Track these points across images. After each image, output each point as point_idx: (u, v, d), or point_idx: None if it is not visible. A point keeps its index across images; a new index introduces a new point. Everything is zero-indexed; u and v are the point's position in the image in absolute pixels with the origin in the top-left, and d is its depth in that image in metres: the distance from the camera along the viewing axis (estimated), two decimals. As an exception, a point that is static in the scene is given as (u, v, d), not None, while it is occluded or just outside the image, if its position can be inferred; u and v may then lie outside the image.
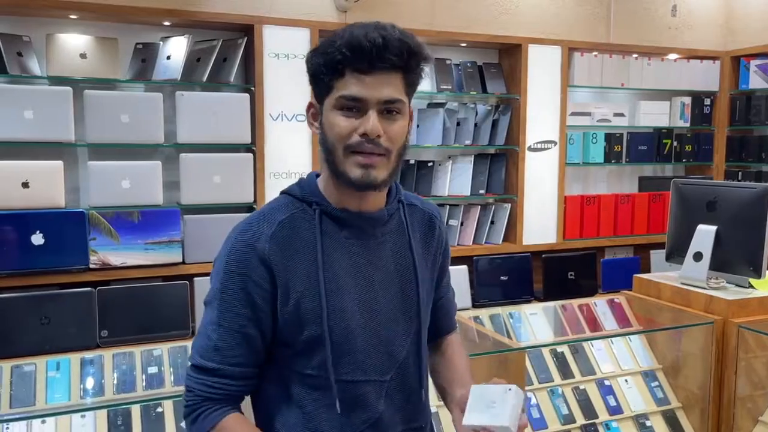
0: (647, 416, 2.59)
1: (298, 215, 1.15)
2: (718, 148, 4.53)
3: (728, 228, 2.51)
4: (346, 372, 1.14)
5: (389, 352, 1.17)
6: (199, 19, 3.21)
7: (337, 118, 1.09)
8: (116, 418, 2.20)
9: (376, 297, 1.17)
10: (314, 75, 1.12)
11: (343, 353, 1.13)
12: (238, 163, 3.27)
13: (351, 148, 1.09)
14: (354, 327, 1.14)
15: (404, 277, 1.21)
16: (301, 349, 1.13)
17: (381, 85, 1.07)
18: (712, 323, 2.43)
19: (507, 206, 3.95)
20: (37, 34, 3.04)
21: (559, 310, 3.09)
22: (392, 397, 1.18)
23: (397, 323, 1.19)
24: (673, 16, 4.31)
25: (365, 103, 1.07)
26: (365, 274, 1.16)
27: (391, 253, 1.20)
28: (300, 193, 1.18)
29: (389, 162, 1.11)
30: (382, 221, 1.19)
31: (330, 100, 1.10)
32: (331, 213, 1.16)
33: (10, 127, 2.85)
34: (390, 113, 1.09)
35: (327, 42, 1.09)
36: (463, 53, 3.96)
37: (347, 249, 1.16)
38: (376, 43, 1.05)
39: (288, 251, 1.12)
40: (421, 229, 1.27)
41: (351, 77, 1.07)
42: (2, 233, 2.84)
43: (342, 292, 1.13)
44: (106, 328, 2.73)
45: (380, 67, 1.06)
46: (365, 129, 1.07)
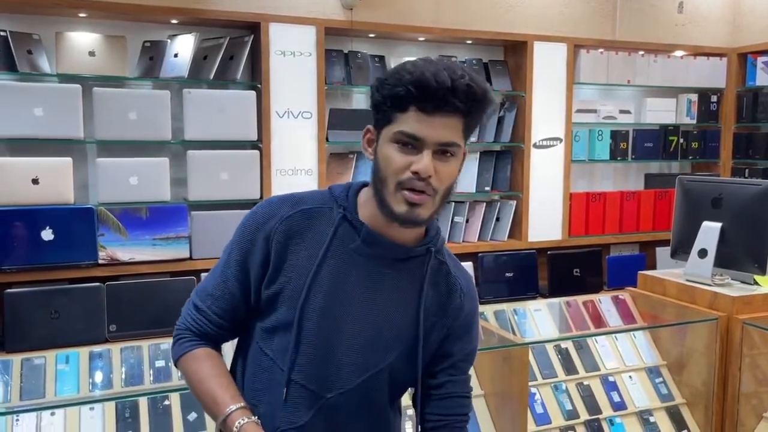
0: (651, 412, 2.60)
1: (324, 211, 1.18)
2: (725, 145, 4.52)
3: (733, 225, 2.51)
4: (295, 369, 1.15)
5: (336, 373, 1.15)
6: (206, 17, 3.23)
7: (392, 152, 1.09)
8: (124, 411, 2.23)
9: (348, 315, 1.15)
10: (377, 104, 1.12)
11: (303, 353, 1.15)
12: (244, 160, 3.29)
13: (402, 184, 1.09)
14: (315, 328, 1.15)
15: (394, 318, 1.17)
16: (271, 327, 1.18)
17: (441, 127, 1.08)
18: (717, 320, 2.44)
19: (512, 203, 3.95)
20: (47, 32, 3.07)
21: (563, 306, 3.09)
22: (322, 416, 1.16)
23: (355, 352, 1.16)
24: (680, 12, 4.31)
25: (423, 142, 1.08)
26: (353, 290, 1.16)
27: (391, 287, 1.18)
28: (338, 193, 1.21)
29: (434, 202, 1.12)
30: (399, 252, 1.18)
31: (388, 132, 1.10)
32: (352, 221, 1.17)
33: (20, 124, 2.89)
34: (444, 154, 1.10)
35: (395, 75, 1.09)
36: (468, 50, 3.97)
37: (349, 259, 1.16)
38: (445, 85, 1.05)
39: (294, 238, 1.16)
40: (439, 289, 1.22)
41: (413, 114, 1.07)
42: (13, 229, 2.87)
43: (322, 293, 1.14)
44: (114, 323, 2.76)
45: (444, 110, 1.07)
46: (418, 168, 1.08)
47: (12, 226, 2.87)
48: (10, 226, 2.87)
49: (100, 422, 2.19)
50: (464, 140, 1.13)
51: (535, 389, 2.50)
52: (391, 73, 1.11)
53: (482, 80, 1.10)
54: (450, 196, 1.16)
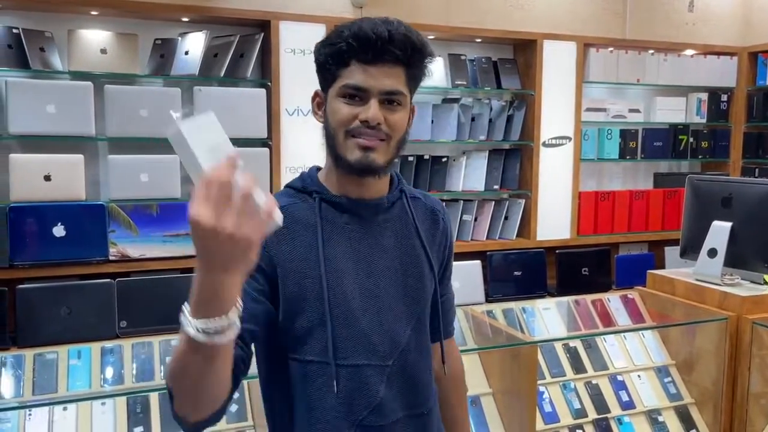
0: (660, 411, 2.59)
1: (298, 204, 1.19)
2: (735, 145, 4.50)
3: (743, 224, 2.50)
4: (347, 356, 1.15)
5: (391, 337, 1.18)
6: (217, 15, 3.25)
7: (339, 105, 1.13)
8: (135, 406, 2.25)
9: (377, 282, 1.18)
10: (321, 65, 1.16)
11: (345, 337, 1.14)
12: (254, 158, 3.31)
13: (351, 132, 1.13)
14: (355, 310, 1.15)
15: (407, 264, 1.22)
16: (302, 334, 1.14)
17: (383, 77, 1.12)
18: (726, 319, 2.43)
19: (521, 202, 3.95)
20: (59, 30, 3.10)
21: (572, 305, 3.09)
22: (393, 382, 1.18)
23: (399, 309, 1.20)
24: (690, 11, 4.29)
25: (367, 92, 1.12)
26: (366, 259, 1.18)
27: (393, 240, 1.22)
28: (301, 185, 1.22)
29: (389, 148, 1.15)
30: (382, 207, 1.22)
31: (334, 88, 1.14)
32: (331, 200, 1.19)
33: (33, 121, 2.91)
34: (391, 103, 1.13)
35: (335, 33, 1.14)
36: (477, 49, 3.97)
37: (347, 234, 1.18)
38: (382, 36, 1.10)
39: (286, 238, 1.14)
40: (425, 222, 1.29)
41: (355, 67, 1.12)
42: (25, 225, 2.90)
43: (342, 276, 1.15)
44: (125, 319, 2.78)
45: (384, 60, 1.11)
46: (366, 116, 1.11)
47: (24, 223, 2.89)
48: (23, 223, 2.89)
49: (112, 417, 2.21)
50: (409, 91, 1.16)
51: (543, 388, 2.50)
52: (330, 33, 1.16)
53: (418, 32, 1.15)
54: (403, 149, 1.20)
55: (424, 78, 1.20)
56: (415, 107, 1.23)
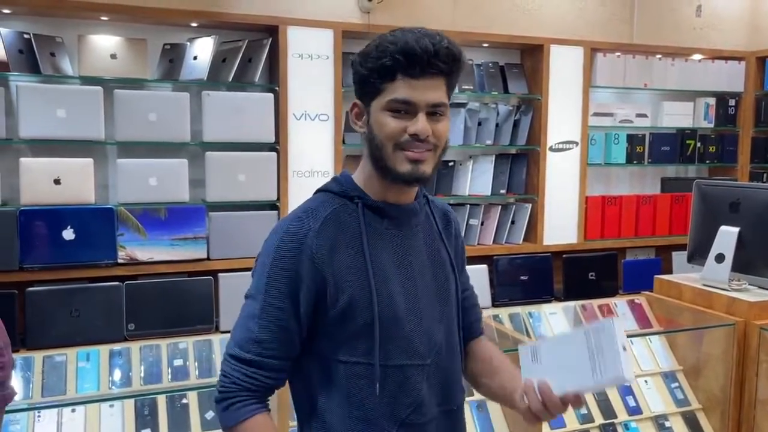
0: (667, 417, 2.59)
1: (340, 210, 1.21)
2: (743, 150, 4.49)
3: (751, 229, 2.49)
4: (393, 357, 1.19)
5: (429, 336, 1.23)
6: (225, 20, 3.27)
7: (387, 119, 1.16)
8: (143, 408, 2.27)
9: (415, 284, 1.23)
10: (364, 78, 1.18)
11: (390, 339, 1.18)
12: (262, 162, 3.33)
13: (400, 146, 1.16)
14: (400, 313, 1.19)
15: (436, 264, 1.28)
16: (347, 338, 1.17)
17: (429, 90, 1.15)
18: (734, 325, 2.43)
19: (528, 206, 3.95)
20: (70, 35, 3.13)
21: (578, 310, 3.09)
22: (431, 380, 1.23)
23: (433, 308, 1.25)
24: (698, 16, 4.28)
25: (415, 106, 1.15)
26: (406, 262, 1.23)
27: (423, 242, 1.27)
28: (339, 189, 1.24)
29: (435, 157, 1.20)
30: (415, 212, 1.27)
31: (379, 102, 1.17)
32: (372, 205, 1.22)
33: (43, 125, 2.94)
34: (436, 115, 1.17)
35: (378, 47, 1.16)
36: (484, 53, 3.98)
37: (389, 239, 1.22)
38: (428, 50, 1.13)
39: (335, 246, 1.17)
40: (442, 223, 1.35)
41: (402, 82, 1.14)
42: (35, 228, 2.92)
43: (388, 280, 1.19)
44: (133, 322, 2.80)
45: (429, 73, 1.14)
46: (416, 130, 1.15)
47: (34, 226, 2.92)
48: (33, 226, 2.92)
49: (120, 419, 2.23)
50: (448, 99, 1.21)
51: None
52: (373, 47, 1.17)
53: (457, 43, 1.18)
54: (445, 154, 1.24)
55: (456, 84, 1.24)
56: None
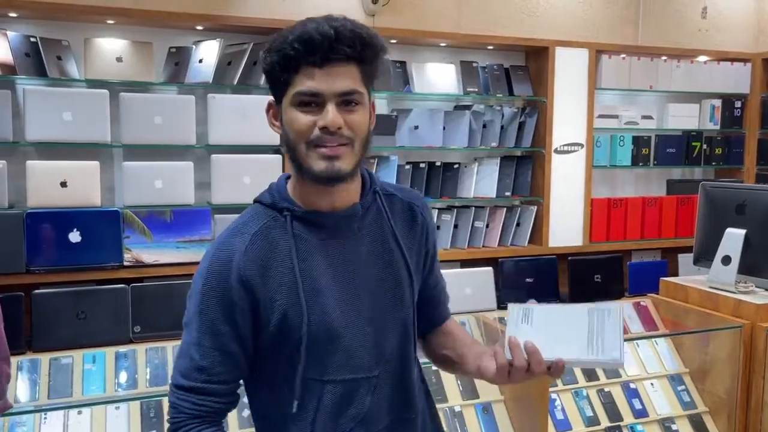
0: (673, 420, 2.58)
1: (270, 224, 1.14)
2: (749, 151, 4.47)
3: (757, 231, 2.49)
4: (335, 372, 1.14)
5: (376, 348, 1.17)
6: (231, 23, 3.28)
7: (295, 114, 1.08)
8: (149, 410, 2.27)
9: (358, 295, 1.15)
10: (270, 74, 1.10)
11: (330, 354, 1.13)
12: (267, 165, 3.33)
13: (313, 142, 1.07)
14: (337, 327, 1.13)
15: (386, 270, 1.19)
16: (287, 357, 1.13)
17: (336, 78, 1.06)
18: (741, 327, 2.42)
19: (533, 208, 3.95)
20: (76, 38, 3.14)
21: (584, 312, 3.08)
22: (380, 391, 1.18)
23: (382, 318, 1.18)
24: (703, 17, 4.27)
25: (322, 96, 1.06)
26: (345, 273, 1.15)
27: (371, 248, 1.18)
28: (270, 200, 1.16)
29: (353, 152, 1.10)
30: (356, 216, 1.17)
31: (287, 97, 1.08)
32: (303, 216, 1.14)
33: (49, 128, 2.95)
34: (349, 104, 1.08)
35: (279, 38, 1.08)
36: (489, 56, 3.98)
37: (323, 251, 1.14)
38: (328, 35, 1.04)
39: (264, 264, 1.11)
40: (403, 219, 1.24)
41: (305, 72, 1.06)
42: (41, 231, 2.93)
43: (321, 295, 1.12)
44: (139, 324, 2.81)
45: (334, 60, 1.05)
46: (325, 122, 1.06)
47: (41, 228, 2.93)
48: (39, 228, 2.93)
49: (126, 421, 2.23)
50: (366, 87, 1.10)
51: (555, 395, 2.50)
52: (273, 38, 1.09)
53: (367, 27, 1.09)
54: (368, 149, 1.14)
55: (379, 73, 1.13)
56: (374, 103, 1.17)
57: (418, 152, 3.69)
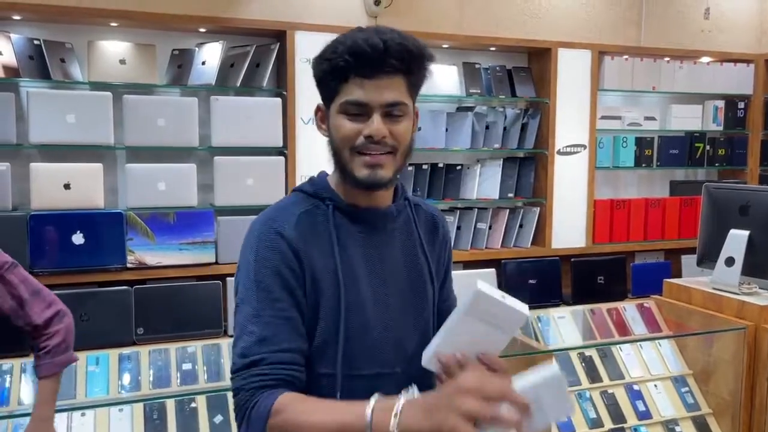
0: (677, 422, 2.57)
1: (313, 210, 1.19)
2: (753, 152, 4.47)
3: (761, 233, 2.48)
4: (362, 366, 1.15)
5: (400, 345, 1.20)
6: (234, 25, 3.29)
7: (342, 122, 1.13)
8: (152, 412, 2.27)
9: (386, 291, 1.19)
10: (320, 80, 1.16)
11: (359, 346, 1.15)
12: (270, 166, 3.34)
13: (357, 149, 1.13)
14: (369, 320, 1.16)
15: (413, 272, 1.24)
16: (319, 343, 1.14)
17: (383, 89, 1.11)
18: (744, 329, 2.41)
19: (536, 210, 3.94)
20: (79, 41, 3.15)
21: (587, 314, 3.08)
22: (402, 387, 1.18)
23: (406, 317, 1.21)
24: (706, 18, 4.26)
25: (369, 107, 1.11)
26: (377, 267, 1.19)
27: (400, 249, 1.23)
28: (312, 189, 1.22)
29: (395, 160, 1.15)
30: (391, 217, 1.23)
31: (335, 104, 1.14)
32: (343, 208, 1.19)
33: (53, 130, 2.96)
34: (393, 115, 1.13)
35: (330, 48, 1.13)
36: (492, 57, 3.98)
37: (360, 243, 1.19)
38: (378, 48, 1.08)
39: (309, 242, 1.15)
40: (426, 229, 1.30)
41: (354, 82, 1.11)
42: (45, 233, 2.94)
43: (358, 286, 1.16)
44: (142, 326, 2.81)
45: (382, 72, 1.10)
46: (370, 131, 1.11)
47: (44, 230, 2.94)
48: (43, 230, 2.94)
49: (129, 423, 2.23)
50: (411, 98, 1.16)
51: (558, 397, 2.49)
52: (326, 48, 1.14)
53: (414, 37, 1.13)
54: (410, 157, 1.20)
55: (424, 82, 1.18)
56: (418, 111, 1.22)
57: (420, 154, 3.69)
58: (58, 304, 1.74)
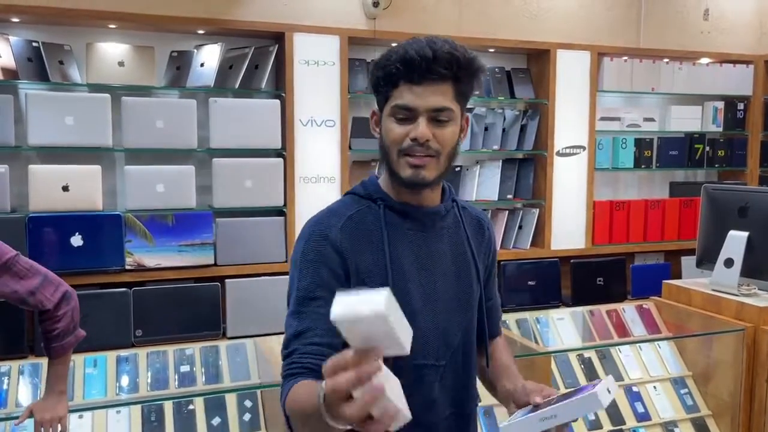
0: (676, 423, 2.57)
1: (365, 210, 1.26)
2: (752, 153, 4.46)
3: (760, 234, 2.48)
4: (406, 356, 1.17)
5: (445, 338, 1.26)
6: (232, 27, 3.29)
7: (391, 125, 1.21)
8: (150, 414, 2.27)
9: (435, 286, 1.26)
10: (375, 86, 1.25)
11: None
12: (268, 168, 3.33)
13: (403, 151, 1.20)
14: (416, 310, 1.22)
15: (460, 269, 1.30)
16: None
17: (430, 95, 1.18)
18: (743, 330, 2.41)
19: (535, 211, 3.94)
20: (78, 43, 3.15)
21: (586, 315, 3.08)
22: (445, 381, 1.27)
23: (452, 312, 1.28)
24: (705, 19, 4.26)
25: (415, 111, 1.19)
26: (426, 263, 1.26)
27: (448, 247, 1.30)
28: (364, 191, 1.29)
29: (438, 163, 1.22)
30: (440, 215, 1.30)
31: (387, 108, 1.22)
32: (394, 207, 1.26)
33: (51, 132, 2.96)
34: (439, 120, 1.19)
35: (385, 56, 1.22)
36: (491, 59, 3.98)
37: (410, 239, 1.26)
38: (426, 56, 1.16)
39: (356, 241, 1.22)
40: (472, 230, 1.37)
41: (404, 88, 1.19)
42: (44, 235, 2.94)
43: (406, 278, 1.22)
44: (140, 328, 2.81)
45: (430, 78, 1.17)
46: (415, 134, 1.18)
47: (43, 232, 2.94)
48: (41, 232, 2.93)
49: (127, 425, 2.23)
50: (459, 105, 1.22)
51: (557, 398, 2.48)
52: (382, 56, 1.23)
53: (465, 48, 1.20)
54: (454, 160, 1.27)
55: (473, 90, 1.25)
56: (468, 118, 1.30)
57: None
58: (64, 285, 1.80)
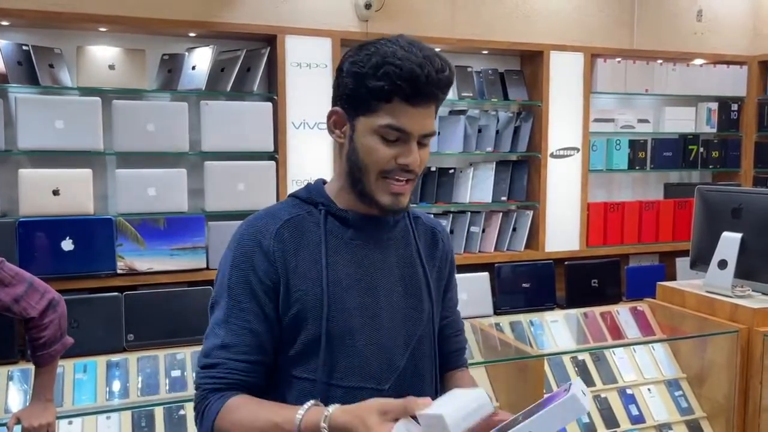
0: (671, 426, 2.56)
1: (304, 216, 1.17)
2: (746, 154, 4.46)
3: (754, 235, 2.47)
4: (343, 377, 1.12)
5: (389, 359, 1.15)
6: (224, 30, 3.27)
7: (377, 145, 1.10)
8: (140, 420, 2.25)
9: (377, 301, 1.16)
10: (354, 92, 1.10)
11: (342, 356, 1.11)
12: (261, 171, 3.32)
13: (385, 173, 1.11)
14: (354, 328, 1.12)
15: (408, 284, 1.20)
16: (300, 350, 1.12)
17: (425, 118, 1.10)
18: (737, 332, 2.40)
19: (529, 213, 3.93)
20: (68, 46, 3.13)
21: (580, 317, 3.06)
22: None
23: (397, 330, 1.17)
24: (699, 20, 4.27)
25: (410, 135, 1.10)
26: (368, 276, 1.16)
27: (395, 260, 1.20)
28: (306, 195, 1.20)
29: (413, 185, 1.16)
30: (387, 225, 1.20)
31: (370, 122, 1.09)
32: (336, 213, 1.17)
33: (42, 136, 2.94)
34: (423, 144, 1.13)
35: (379, 66, 1.06)
36: (484, 60, 3.97)
37: (351, 250, 1.16)
38: (432, 80, 1.07)
39: (292, 249, 1.13)
40: (425, 242, 1.26)
41: (398, 107, 1.07)
42: (34, 239, 2.92)
43: (343, 291, 1.13)
44: (132, 332, 2.79)
45: (426, 101, 1.09)
46: (407, 161, 1.10)
47: (33, 237, 2.92)
48: (32, 237, 2.91)
49: (117, 431, 2.21)
50: None
51: (551, 401, 2.47)
52: (373, 63, 1.06)
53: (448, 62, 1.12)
54: None
55: None
56: None
57: None
58: (50, 292, 1.76)
